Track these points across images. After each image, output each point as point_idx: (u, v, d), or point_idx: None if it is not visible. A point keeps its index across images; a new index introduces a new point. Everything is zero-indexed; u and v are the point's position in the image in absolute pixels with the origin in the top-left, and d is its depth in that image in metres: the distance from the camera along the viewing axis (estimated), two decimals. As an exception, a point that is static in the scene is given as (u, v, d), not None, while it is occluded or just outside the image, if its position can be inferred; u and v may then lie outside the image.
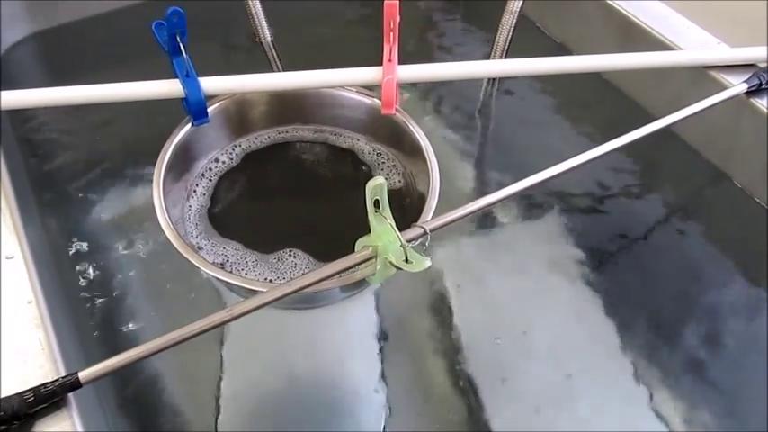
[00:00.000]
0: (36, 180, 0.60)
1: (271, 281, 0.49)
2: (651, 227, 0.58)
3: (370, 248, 0.40)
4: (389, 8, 0.49)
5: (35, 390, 0.35)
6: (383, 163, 0.57)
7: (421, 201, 0.50)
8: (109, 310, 0.50)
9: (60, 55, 0.74)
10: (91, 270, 0.53)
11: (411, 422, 0.45)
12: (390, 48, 0.51)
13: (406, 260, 0.38)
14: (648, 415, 0.46)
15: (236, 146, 0.58)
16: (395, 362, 0.48)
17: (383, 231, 0.39)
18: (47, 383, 0.36)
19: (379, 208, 0.39)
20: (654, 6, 0.67)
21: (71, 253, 0.54)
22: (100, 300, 0.51)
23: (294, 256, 0.50)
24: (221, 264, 0.50)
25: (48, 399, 0.35)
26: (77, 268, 0.53)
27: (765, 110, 0.56)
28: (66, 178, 0.60)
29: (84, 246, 0.54)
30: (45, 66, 0.74)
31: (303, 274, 0.44)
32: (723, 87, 0.57)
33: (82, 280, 0.52)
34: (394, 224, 0.39)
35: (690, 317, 0.51)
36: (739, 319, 0.51)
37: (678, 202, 0.60)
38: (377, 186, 0.38)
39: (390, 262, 0.38)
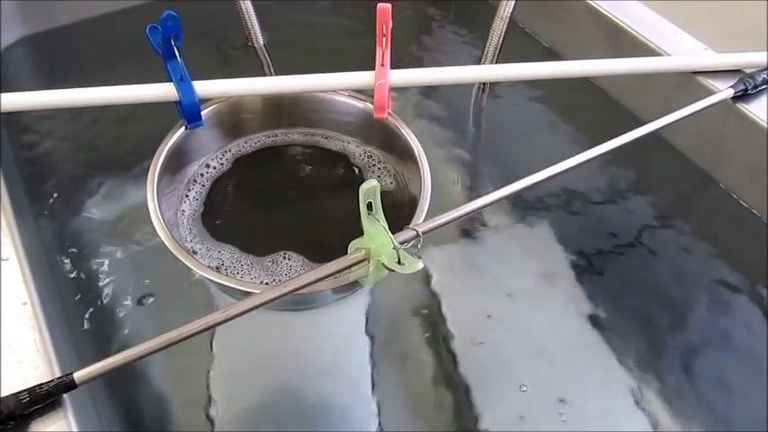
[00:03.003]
0: (30, 182, 0.60)
1: (266, 283, 0.49)
2: (639, 230, 0.58)
3: (363, 250, 0.40)
4: (382, 12, 0.50)
5: (30, 390, 0.35)
6: (374, 165, 0.58)
7: (413, 203, 0.51)
8: (104, 312, 0.50)
9: (55, 57, 0.74)
10: (85, 272, 0.53)
11: (403, 422, 0.46)
12: (383, 52, 0.51)
13: (399, 262, 0.38)
14: (643, 417, 0.46)
15: (226, 150, 0.58)
16: (387, 362, 0.49)
17: (376, 233, 0.39)
18: (42, 384, 0.36)
19: (372, 210, 0.39)
20: (642, 12, 0.67)
21: (66, 255, 0.54)
22: (95, 301, 0.51)
23: (288, 259, 0.51)
24: (216, 267, 0.50)
25: (43, 399, 0.36)
26: (72, 270, 0.53)
27: (751, 115, 0.57)
28: (61, 181, 0.60)
29: (79, 248, 0.54)
30: (40, 68, 0.74)
31: (297, 275, 0.45)
32: (710, 92, 0.57)
33: (76, 282, 0.52)
34: (387, 226, 0.39)
35: (678, 320, 0.52)
36: (729, 321, 0.52)
37: (666, 206, 0.61)
38: (370, 189, 0.38)
39: (383, 264, 0.38)
